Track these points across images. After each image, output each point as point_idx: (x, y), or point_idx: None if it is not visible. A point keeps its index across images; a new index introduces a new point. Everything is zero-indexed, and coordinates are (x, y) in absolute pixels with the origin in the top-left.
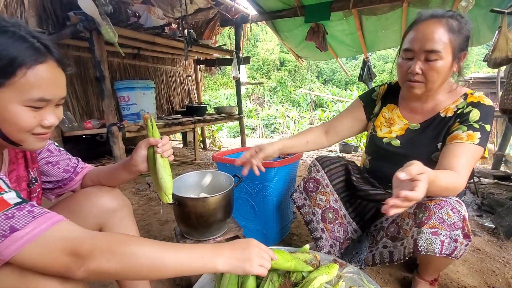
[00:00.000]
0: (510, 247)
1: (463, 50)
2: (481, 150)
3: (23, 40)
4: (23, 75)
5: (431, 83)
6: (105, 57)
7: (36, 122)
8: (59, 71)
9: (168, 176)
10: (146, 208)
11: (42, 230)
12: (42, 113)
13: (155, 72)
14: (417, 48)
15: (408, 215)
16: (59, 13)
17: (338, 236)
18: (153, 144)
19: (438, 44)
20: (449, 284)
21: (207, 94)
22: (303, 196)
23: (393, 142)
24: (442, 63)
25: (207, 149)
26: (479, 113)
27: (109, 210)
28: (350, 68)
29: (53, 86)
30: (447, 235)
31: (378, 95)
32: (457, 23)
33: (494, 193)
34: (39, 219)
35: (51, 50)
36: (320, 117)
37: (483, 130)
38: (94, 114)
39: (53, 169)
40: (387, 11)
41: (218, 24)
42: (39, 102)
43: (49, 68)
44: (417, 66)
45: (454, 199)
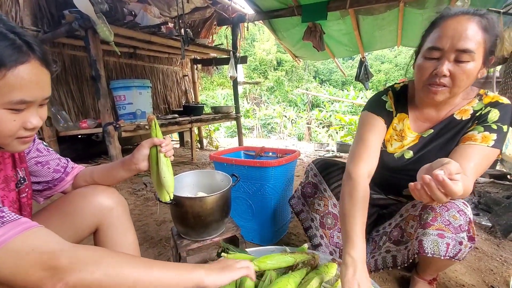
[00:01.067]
0: (507, 246)
1: (492, 54)
2: (496, 152)
3: (2, 38)
4: (2, 76)
5: (457, 88)
6: (100, 56)
7: (17, 126)
8: (42, 70)
9: (170, 175)
10: (143, 208)
11: (9, 237)
12: (23, 115)
13: (152, 72)
14: (446, 47)
15: (413, 217)
16: (54, 12)
17: (338, 242)
18: (157, 144)
19: (472, 43)
20: (447, 283)
21: (204, 94)
22: (301, 201)
23: (406, 154)
24: (473, 65)
25: (204, 149)
26: (498, 113)
27: (105, 208)
28: (347, 68)
29: (35, 87)
30: (453, 238)
31: (391, 106)
32: (489, 22)
33: (490, 192)
34: (8, 225)
35: (34, 49)
36: (317, 117)
37: (500, 131)
38: (90, 113)
39: (43, 169)
40: (384, 11)
41: (215, 23)
42: (19, 105)
43: (31, 68)
44: (445, 67)
45: (460, 201)
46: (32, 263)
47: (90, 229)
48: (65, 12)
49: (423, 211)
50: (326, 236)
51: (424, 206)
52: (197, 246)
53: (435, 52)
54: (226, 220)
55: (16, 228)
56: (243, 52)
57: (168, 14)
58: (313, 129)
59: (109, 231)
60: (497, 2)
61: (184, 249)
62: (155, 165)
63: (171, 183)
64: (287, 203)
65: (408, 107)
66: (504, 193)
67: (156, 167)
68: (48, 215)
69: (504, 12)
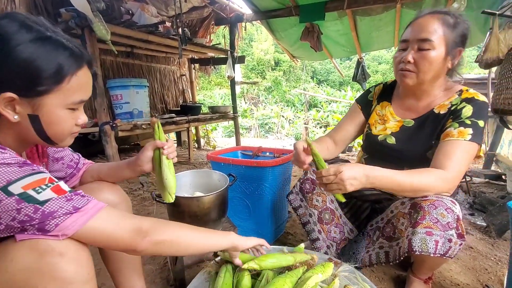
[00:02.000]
0: (502, 245)
1: (458, 46)
2: (475, 146)
3: (64, 47)
4: (68, 81)
5: (422, 73)
6: (97, 54)
7: (73, 123)
8: (89, 72)
9: (172, 177)
10: (140, 208)
11: (99, 208)
12: (76, 113)
13: (149, 71)
14: (411, 38)
15: (403, 215)
16: (50, 10)
17: (335, 236)
18: (159, 147)
19: (431, 34)
20: (442, 282)
21: (202, 94)
22: (299, 197)
23: (388, 139)
24: (434, 53)
25: (201, 149)
26: (471, 108)
27: (110, 203)
28: (344, 68)
29: (88, 88)
30: (441, 235)
31: (373, 96)
32: (453, 19)
33: (485, 192)
34: (93, 201)
35: (85, 54)
36: (314, 117)
37: (475, 126)
38: (87, 112)
39: (58, 165)
40: (381, 12)
41: (212, 23)
42: (78, 104)
43: (85, 72)
44: (409, 55)
45: (448, 199)
46: (127, 226)
47: None
48: (62, 10)
49: (412, 209)
50: (324, 231)
51: (413, 204)
52: None
53: (403, 43)
54: (223, 220)
55: (98, 204)
56: (241, 52)
57: (165, 13)
58: (311, 129)
59: None
60: (493, 4)
61: None
62: (159, 167)
63: (173, 185)
64: (284, 202)
65: (393, 97)
66: (499, 193)
67: (159, 169)
68: None
69: (499, 14)
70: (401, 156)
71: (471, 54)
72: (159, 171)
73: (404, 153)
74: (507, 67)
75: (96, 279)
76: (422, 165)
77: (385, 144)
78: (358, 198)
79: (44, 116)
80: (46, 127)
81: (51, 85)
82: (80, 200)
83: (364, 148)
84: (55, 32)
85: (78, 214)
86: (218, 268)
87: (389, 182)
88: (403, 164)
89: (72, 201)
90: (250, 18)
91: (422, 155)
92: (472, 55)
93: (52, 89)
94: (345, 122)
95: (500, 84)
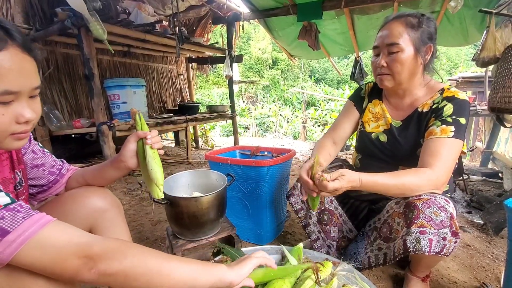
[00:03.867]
0: (498, 243)
1: (426, 43)
2: (459, 143)
3: None
4: None
5: (397, 75)
6: (94, 54)
7: (7, 120)
8: (24, 57)
9: (158, 167)
10: (138, 208)
11: (35, 231)
12: (13, 108)
13: (146, 70)
14: (380, 44)
15: (398, 214)
16: (46, 9)
17: (334, 236)
18: (141, 137)
19: (397, 37)
20: (440, 280)
21: (200, 93)
22: (300, 199)
23: (381, 137)
24: (403, 55)
25: (199, 148)
26: (452, 107)
27: (98, 210)
28: (342, 67)
29: (19, 76)
30: (435, 234)
31: (365, 92)
32: (416, 19)
33: (482, 190)
34: (28, 220)
35: (12, 34)
36: (312, 116)
37: (457, 123)
38: (84, 112)
39: (38, 171)
40: (378, 10)
41: (210, 22)
42: (5, 96)
43: (11, 56)
44: (382, 60)
45: (441, 198)
46: (70, 253)
47: None
48: (58, 9)
49: (407, 209)
50: (323, 231)
51: (407, 203)
52: (192, 246)
53: (376, 50)
54: (221, 220)
55: (38, 222)
56: (239, 51)
57: (162, 12)
58: (309, 128)
59: (103, 234)
60: (490, 2)
61: (180, 249)
62: (143, 160)
63: (160, 175)
64: (283, 202)
65: (383, 96)
66: (496, 191)
67: (144, 162)
68: None
69: (496, 13)
70: (393, 154)
71: (468, 52)
72: (144, 164)
73: (395, 152)
74: (504, 66)
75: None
76: (415, 164)
77: (377, 142)
78: (355, 198)
79: None
80: None
81: None
82: (12, 219)
83: (357, 148)
84: None
85: (6, 240)
86: None
87: (375, 185)
88: (396, 163)
89: (1, 221)
90: (248, 17)
91: (412, 153)
92: (469, 53)
93: None
94: (341, 120)
95: (497, 83)
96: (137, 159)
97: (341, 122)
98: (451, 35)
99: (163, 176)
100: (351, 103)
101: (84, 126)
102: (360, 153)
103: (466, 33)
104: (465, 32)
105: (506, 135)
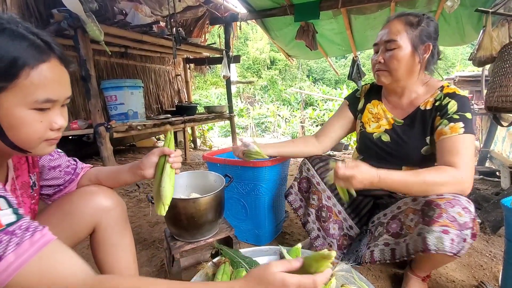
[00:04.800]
0: (496, 242)
1: (425, 42)
2: (472, 137)
3: (22, 38)
4: (26, 76)
5: (394, 71)
6: (91, 55)
7: (44, 127)
8: (62, 69)
9: (170, 187)
10: (136, 209)
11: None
12: (49, 115)
13: (144, 71)
14: (379, 41)
15: (413, 211)
16: (42, 11)
17: (334, 233)
18: (166, 154)
19: (395, 34)
20: (438, 279)
21: (198, 94)
22: (299, 197)
23: (383, 137)
24: (400, 51)
25: (198, 149)
26: (456, 103)
27: (104, 209)
28: (340, 67)
29: (58, 86)
30: (457, 234)
31: (361, 93)
32: (416, 18)
33: (480, 189)
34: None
35: (53, 47)
36: (311, 116)
37: (464, 118)
38: (81, 114)
39: (55, 172)
40: (375, 10)
41: (207, 22)
42: (45, 104)
43: (52, 67)
44: (380, 56)
45: (464, 199)
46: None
47: (88, 229)
48: (54, 11)
49: (426, 207)
50: (323, 228)
51: (427, 201)
52: (190, 247)
53: (375, 47)
54: (219, 221)
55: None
56: (236, 51)
57: (159, 13)
58: (307, 128)
59: (107, 232)
60: (486, 2)
61: (178, 250)
62: (160, 174)
63: (169, 195)
64: (282, 202)
65: (382, 96)
66: (493, 189)
67: (160, 176)
68: (48, 214)
69: (492, 12)
70: (397, 154)
71: (465, 51)
72: (159, 178)
73: (400, 151)
74: (500, 65)
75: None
76: (419, 163)
77: (380, 142)
78: (358, 193)
79: (3, 118)
80: (8, 132)
81: (4, 80)
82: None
83: (359, 149)
84: (17, 23)
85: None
86: (215, 270)
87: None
88: (399, 163)
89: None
90: (245, 18)
91: (417, 152)
92: (466, 52)
93: (6, 86)
94: (331, 119)
95: (494, 82)
96: (154, 171)
97: (331, 120)
98: (448, 34)
99: (171, 196)
100: (345, 102)
101: (81, 128)
102: (362, 153)
103: (462, 32)
104: (462, 31)
105: (503, 134)
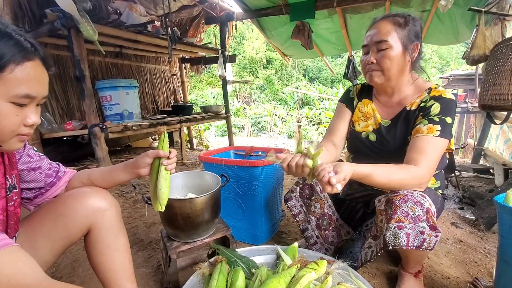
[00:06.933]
0: (490, 238)
1: (413, 41)
2: (444, 142)
3: (9, 37)
4: (11, 70)
5: (387, 71)
6: (85, 55)
7: (18, 121)
8: (44, 70)
9: (166, 189)
10: (132, 210)
11: None
12: (25, 111)
13: (139, 71)
14: (369, 42)
15: (380, 212)
16: (35, 10)
17: (332, 241)
18: (161, 157)
19: (385, 35)
20: (433, 275)
21: (194, 93)
22: (299, 203)
23: (370, 136)
24: (392, 51)
25: (194, 149)
26: (439, 106)
27: (98, 209)
28: (336, 66)
29: (39, 84)
30: (412, 228)
31: (354, 93)
32: (403, 19)
33: (474, 186)
34: None
35: (38, 49)
36: (307, 115)
37: (443, 122)
38: (75, 114)
39: (35, 174)
40: (370, 9)
41: (202, 22)
42: (24, 99)
43: (35, 66)
44: (371, 57)
45: (418, 193)
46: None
47: (82, 231)
48: (47, 10)
49: (387, 206)
50: (322, 236)
51: (387, 200)
52: (187, 247)
53: (365, 48)
54: (216, 221)
55: None
56: (232, 51)
57: (154, 12)
58: (304, 127)
59: (101, 233)
60: (479, 1)
61: (174, 251)
62: (155, 175)
63: (165, 196)
64: (278, 201)
65: (372, 96)
66: (487, 187)
67: (156, 177)
68: (40, 216)
69: (485, 11)
70: (382, 153)
71: (459, 50)
72: (155, 179)
73: (384, 150)
74: (493, 63)
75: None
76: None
77: (367, 141)
78: (350, 200)
79: None
80: None
81: None
82: None
83: (348, 147)
84: (5, 25)
85: None
86: (211, 270)
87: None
88: (386, 162)
89: None
90: (241, 17)
91: (400, 151)
92: (460, 51)
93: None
94: (337, 122)
95: (487, 81)
96: (149, 170)
97: (336, 124)
98: (442, 33)
99: (168, 197)
100: (342, 104)
101: (75, 129)
102: (352, 152)
103: (456, 31)
104: (456, 30)
105: (497, 132)
